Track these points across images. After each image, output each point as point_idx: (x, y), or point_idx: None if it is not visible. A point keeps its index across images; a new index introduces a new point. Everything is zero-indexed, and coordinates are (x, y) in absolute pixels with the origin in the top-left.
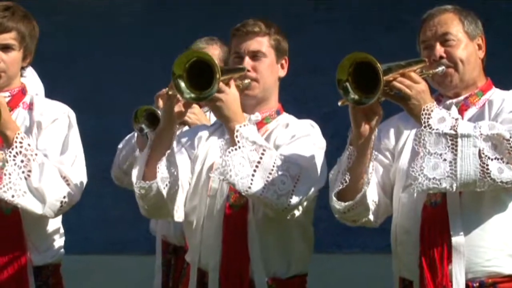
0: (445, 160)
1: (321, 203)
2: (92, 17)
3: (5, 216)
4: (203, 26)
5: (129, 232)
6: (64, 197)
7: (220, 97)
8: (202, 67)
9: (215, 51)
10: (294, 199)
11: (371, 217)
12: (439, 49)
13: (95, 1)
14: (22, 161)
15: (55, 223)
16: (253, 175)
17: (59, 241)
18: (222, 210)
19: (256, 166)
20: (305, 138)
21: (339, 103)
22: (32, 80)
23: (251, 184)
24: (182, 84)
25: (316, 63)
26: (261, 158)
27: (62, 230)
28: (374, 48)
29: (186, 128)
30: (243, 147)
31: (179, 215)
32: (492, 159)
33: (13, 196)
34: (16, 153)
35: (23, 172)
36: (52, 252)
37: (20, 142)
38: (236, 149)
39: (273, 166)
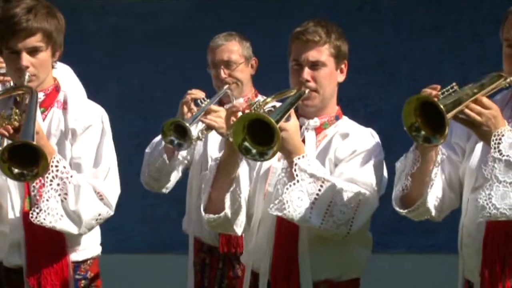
0: None
1: None
2: (138, 18)
3: None
4: (247, 26)
5: (173, 232)
6: (100, 214)
7: (282, 136)
8: (259, 122)
9: (234, 47)
10: (354, 227)
11: (433, 213)
12: None
13: (142, 2)
14: (58, 185)
15: None
16: (311, 208)
17: (96, 238)
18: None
19: (315, 199)
20: (366, 154)
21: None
22: (70, 83)
23: (309, 217)
24: (248, 145)
25: (361, 63)
26: (319, 190)
27: (98, 228)
28: (419, 48)
29: (213, 132)
30: (302, 180)
31: (242, 230)
32: None
33: (50, 222)
34: (53, 177)
35: (59, 195)
36: (91, 248)
37: (56, 166)
38: (294, 184)
39: (332, 198)
